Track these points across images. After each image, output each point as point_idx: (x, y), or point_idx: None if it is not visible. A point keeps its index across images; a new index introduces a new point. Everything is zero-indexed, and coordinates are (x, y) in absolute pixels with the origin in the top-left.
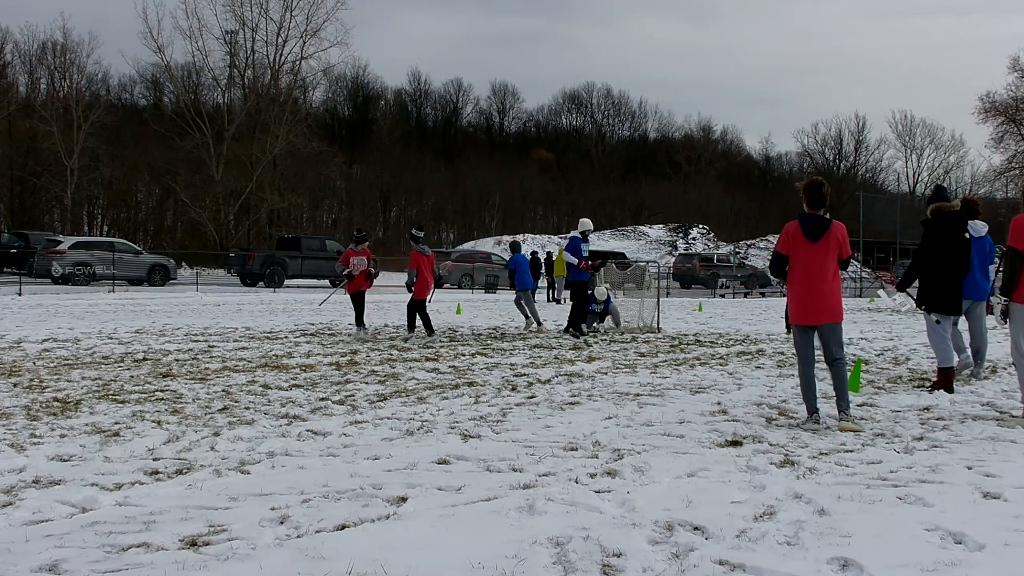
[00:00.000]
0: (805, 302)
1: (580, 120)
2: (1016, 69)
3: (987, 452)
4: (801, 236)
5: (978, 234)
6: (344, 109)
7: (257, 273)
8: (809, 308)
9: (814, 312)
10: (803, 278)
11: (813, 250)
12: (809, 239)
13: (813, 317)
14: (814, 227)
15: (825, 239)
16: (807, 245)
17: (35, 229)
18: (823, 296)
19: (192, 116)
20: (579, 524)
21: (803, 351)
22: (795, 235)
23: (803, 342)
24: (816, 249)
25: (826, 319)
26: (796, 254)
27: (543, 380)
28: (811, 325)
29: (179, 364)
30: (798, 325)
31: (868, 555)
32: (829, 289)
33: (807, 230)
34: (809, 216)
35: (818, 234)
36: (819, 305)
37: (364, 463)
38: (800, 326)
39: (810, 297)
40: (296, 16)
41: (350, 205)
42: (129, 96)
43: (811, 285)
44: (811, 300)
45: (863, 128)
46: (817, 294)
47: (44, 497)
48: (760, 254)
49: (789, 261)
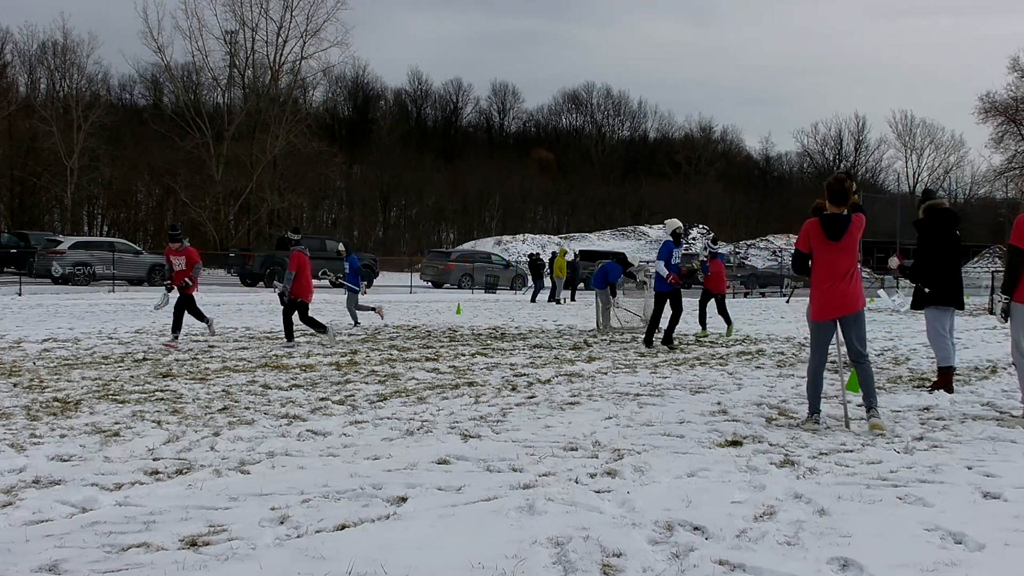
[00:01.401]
0: (828, 300)
1: (580, 120)
2: (1016, 69)
3: (987, 452)
4: (822, 235)
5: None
6: (344, 109)
7: (257, 273)
8: (833, 304)
9: (837, 306)
10: (826, 277)
11: (835, 249)
12: (831, 239)
13: (836, 310)
14: (835, 226)
15: (847, 237)
16: (829, 244)
17: (35, 229)
18: (846, 293)
19: (192, 116)
20: (579, 524)
21: (821, 347)
22: (816, 234)
23: (822, 338)
24: (839, 247)
25: (850, 309)
26: (818, 253)
27: (543, 380)
28: (833, 319)
29: (179, 364)
30: (818, 321)
31: (868, 555)
32: (852, 286)
33: (828, 230)
34: (830, 216)
35: (839, 233)
36: (843, 300)
37: (364, 463)
38: (820, 322)
39: (833, 294)
40: (296, 16)
41: (350, 205)
42: (129, 96)
43: (834, 284)
44: (834, 297)
45: (863, 128)
46: (840, 291)
47: (44, 497)
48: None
49: (812, 259)
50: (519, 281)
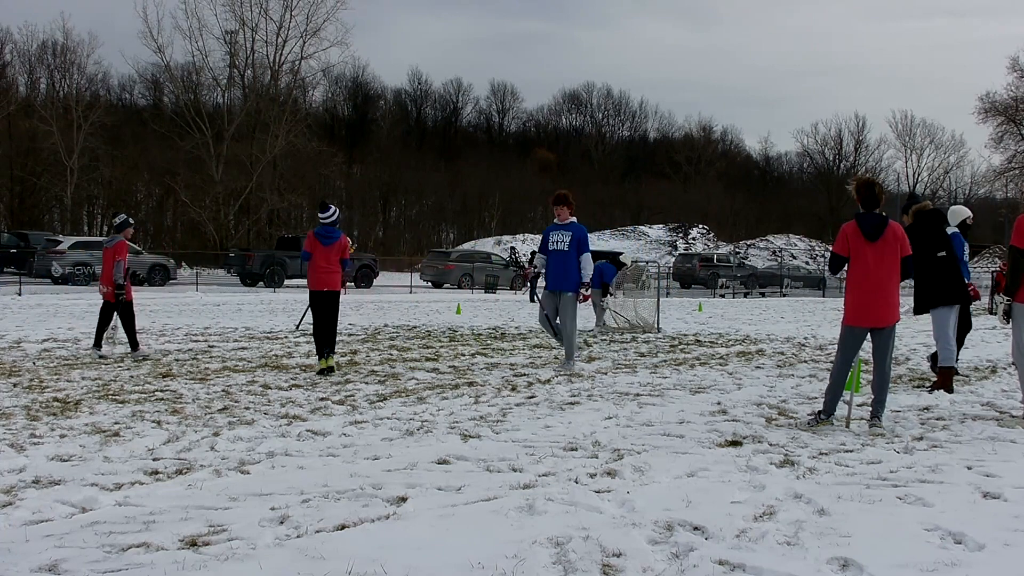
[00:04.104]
0: (867, 304)
1: (580, 120)
2: (1016, 69)
3: (987, 452)
4: (860, 236)
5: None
6: (344, 109)
7: (257, 273)
8: (871, 310)
9: (876, 315)
10: (863, 280)
11: (873, 250)
12: (868, 239)
13: (874, 320)
14: (872, 226)
15: (884, 238)
16: (867, 245)
17: (35, 229)
18: (885, 298)
19: (192, 116)
20: (579, 524)
21: (850, 353)
22: (854, 235)
23: (854, 343)
24: (876, 249)
25: (887, 322)
26: (856, 255)
27: (543, 380)
28: (869, 327)
29: (179, 364)
30: (852, 326)
31: (868, 555)
32: (890, 291)
33: (865, 230)
34: (866, 216)
35: (876, 233)
36: (881, 308)
37: (364, 463)
38: (854, 327)
39: (871, 299)
40: (296, 16)
41: (350, 205)
42: (129, 96)
43: (872, 287)
44: (872, 302)
45: (863, 128)
46: (879, 296)
47: (44, 497)
48: (760, 254)
49: (849, 262)
50: (519, 281)
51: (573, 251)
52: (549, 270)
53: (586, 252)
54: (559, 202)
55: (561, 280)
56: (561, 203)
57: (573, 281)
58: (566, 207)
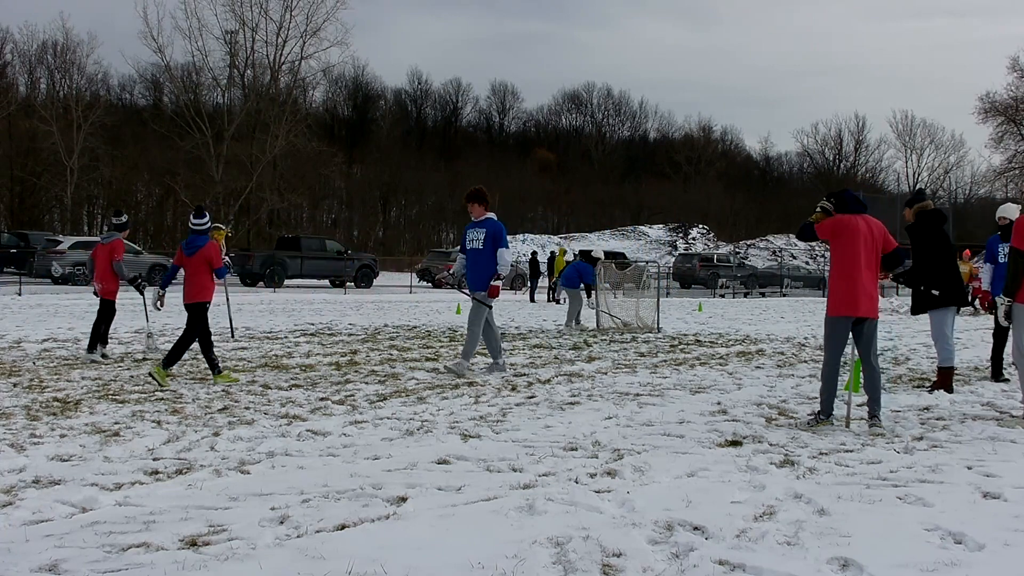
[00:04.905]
0: (852, 293)
1: (580, 120)
2: (1016, 69)
3: (987, 452)
4: (849, 228)
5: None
6: (344, 109)
7: (257, 273)
8: (856, 299)
9: (861, 304)
10: (850, 270)
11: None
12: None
13: (857, 309)
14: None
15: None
16: (853, 237)
17: (35, 229)
18: (868, 288)
19: (192, 116)
20: (579, 524)
21: (837, 348)
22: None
23: (841, 335)
24: (861, 241)
25: (871, 313)
26: (842, 246)
27: (543, 380)
28: (854, 316)
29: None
30: (837, 316)
31: (868, 555)
32: (872, 282)
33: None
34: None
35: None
36: (865, 298)
37: (364, 463)
38: (839, 318)
39: (856, 288)
40: (296, 16)
41: (350, 205)
42: (129, 96)
43: (857, 276)
44: (857, 291)
45: (863, 128)
46: (862, 285)
47: (44, 497)
48: (760, 254)
49: (831, 251)
50: (519, 281)
51: (488, 248)
52: (468, 270)
53: (502, 247)
54: (471, 198)
55: (477, 280)
56: (473, 199)
57: (486, 281)
58: (479, 204)
